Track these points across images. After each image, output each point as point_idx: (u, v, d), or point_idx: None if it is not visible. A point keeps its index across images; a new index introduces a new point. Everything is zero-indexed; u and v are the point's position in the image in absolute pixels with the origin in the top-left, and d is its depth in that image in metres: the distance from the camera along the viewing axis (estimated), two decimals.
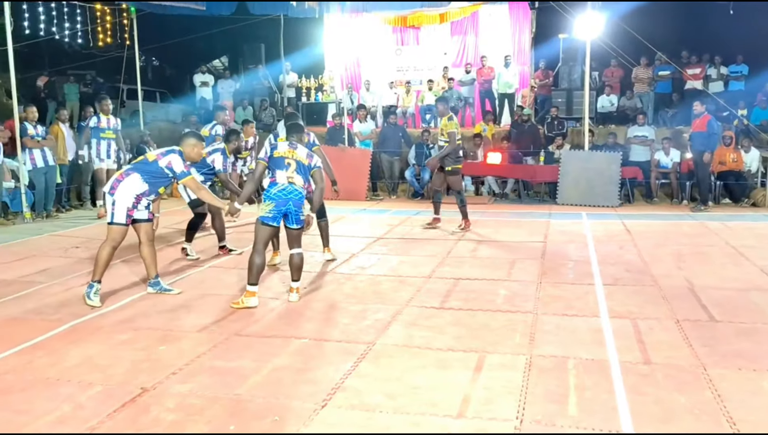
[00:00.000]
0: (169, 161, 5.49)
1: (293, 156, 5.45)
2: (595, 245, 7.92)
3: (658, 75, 14.87)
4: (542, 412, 3.41)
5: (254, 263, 5.28)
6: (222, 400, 3.58)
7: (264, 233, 5.37)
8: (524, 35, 16.81)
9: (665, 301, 5.45)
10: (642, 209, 11.36)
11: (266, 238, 5.42)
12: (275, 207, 5.32)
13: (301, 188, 5.43)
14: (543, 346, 4.40)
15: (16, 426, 3.28)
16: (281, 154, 5.45)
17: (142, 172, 5.46)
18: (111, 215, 5.43)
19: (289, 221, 5.46)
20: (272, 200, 5.32)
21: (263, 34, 17.50)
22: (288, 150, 5.48)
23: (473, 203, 12.17)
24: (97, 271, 5.42)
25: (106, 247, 5.43)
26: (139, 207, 5.51)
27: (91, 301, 5.35)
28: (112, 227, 5.43)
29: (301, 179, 5.43)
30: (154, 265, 5.78)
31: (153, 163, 5.50)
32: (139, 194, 5.45)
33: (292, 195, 5.35)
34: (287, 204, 5.34)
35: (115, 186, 5.42)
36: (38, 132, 10.44)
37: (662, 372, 3.92)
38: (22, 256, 7.54)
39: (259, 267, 5.30)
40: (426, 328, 4.83)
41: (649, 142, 12.53)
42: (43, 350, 4.41)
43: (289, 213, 5.40)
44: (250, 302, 5.29)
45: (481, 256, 7.35)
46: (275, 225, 5.42)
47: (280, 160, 5.41)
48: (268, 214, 5.33)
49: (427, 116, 15.62)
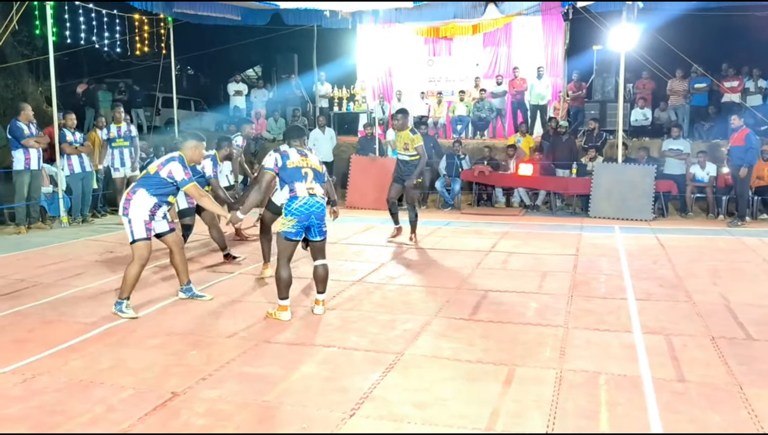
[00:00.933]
0: (170, 170, 5.36)
1: (308, 164, 5.31)
2: (628, 259, 7.80)
3: (694, 87, 14.62)
4: (573, 427, 3.36)
5: (281, 278, 5.20)
6: (251, 407, 3.60)
7: (287, 248, 5.23)
8: (557, 46, 16.72)
9: (700, 318, 5.34)
10: (676, 223, 11.17)
11: (290, 253, 5.26)
12: (298, 222, 5.15)
13: (322, 198, 5.29)
14: (574, 361, 4.34)
15: (50, 426, 3.34)
16: (296, 163, 5.27)
17: (147, 187, 5.36)
18: (131, 234, 5.33)
19: (312, 234, 5.31)
20: (294, 216, 5.14)
21: (296, 45, 17.70)
22: (301, 158, 5.32)
23: (504, 214, 12.14)
24: (125, 290, 5.34)
25: (134, 266, 5.34)
26: (156, 218, 5.43)
27: (126, 314, 5.28)
28: (135, 245, 5.33)
29: (320, 188, 5.31)
30: (185, 271, 5.80)
31: (155, 175, 5.38)
32: (151, 208, 5.35)
33: (314, 208, 5.18)
34: (309, 218, 5.19)
35: (127, 206, 5.33)
36: (76, 138, 10.67)
37: (697, 390, 3.84)
38: (58, 259, 7.70)
39: (286, 281, 5.21)
40: (455, 339, 4.80)
41: (684, 156, 12.32)
42: (78, 352, 4.49)
43: (312, 226, 5.25)
44: (282, 316, 5.24)
45: (512, 268, 7.29)
46: (298, 239, 5.26)
47: (296, 172, 5.24)
48: (291, 230, 5.17)
49: (458, 127, 15.61)
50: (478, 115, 15.61)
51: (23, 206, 9.92)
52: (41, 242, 8.93)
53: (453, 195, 13.07)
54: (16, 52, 14.94)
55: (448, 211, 12.81)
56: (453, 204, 13.06)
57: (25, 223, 9.91)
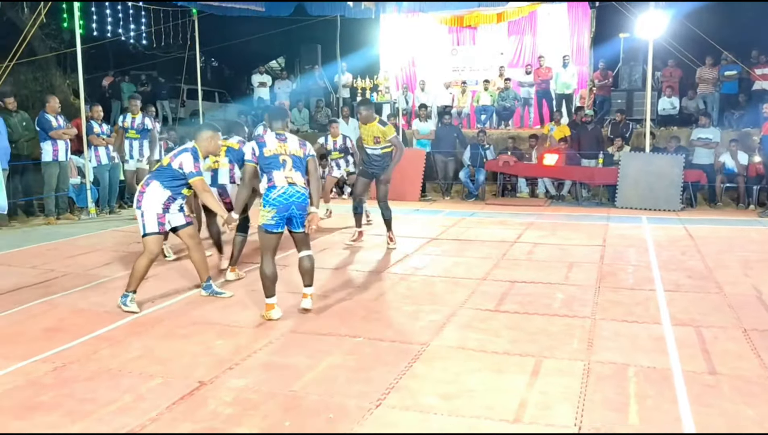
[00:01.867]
0: (181, 162, 5.24)
1: (286, 150, 5.00)
2: (656, 250, 7.69)
3: (724, 75, 14.33)
4: (601, 419, 3.32)
5: (265, 275, 4.95)
6: (277, 396, 3.62)
7: (270, 242, 4.95)
8: (583, 35, 16.51)
9: (731, 309, 5.24)
10: (705, 214, 10.98)
11: (273, 247, 4.99)
12: (277, 213, 4.88)
13: (303, 188, 4.98)
14: (602, 353, 4.29)
15: (81, 414, 3.39)
16: (273, 151, 4.98)
17: (160, 179, 5.27)
18: (143, 227, 5.26)
19: (294, 226, 5.02)
20: (273, 206, 4.87)
21: (320, 35, 17.69)
22: (279, 144, 5.01)
23: (529, 205, 12.04)
24: (133, 283, 5.28)
25: (143, 260, 5.27)
26: (171, 210, 5.32)
27: (128, 308, 5.22)
28: (146, 239, 5.27)
29: (301, 175, 5.01)
30: (205, 268, 5.66)
31: (168, 166, 5.29)
32: (165, 201, 5.26)
33: (294, 198, 4.90)
34: (290, 208, 4.90)
35: (140, 199, 5.26)
36: (103, 130, 10.79)
37: (728, 383, 3.77)
38: (86, 250, 7.81)
39: (271, 277, 4.95)
40: (481, 330, 4.77)
41: (713, 145, 12.10)
42: (107, 341, 4.55)
43: (293, 217, 4.97)
44: (272, 315, 4.99)
45: (538, 259, 7.23)
46: (280, 231, 4.98)
47: (273, 159, 4.95)
48: (270, 222, 4.90)
49: (482, 117, 15.50)
50: (502, 105, 15.48)
51: (52, 197, 10.08)
52: (70, 233, 9.06)
53: (477, 185, 13.00)
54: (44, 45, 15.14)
55: (473, 201, 12.74)
56: (477, 194, 12.99)
57: (54, 214, 10.07)
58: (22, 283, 6.18)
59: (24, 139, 10.21)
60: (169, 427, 3.26)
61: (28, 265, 6.96)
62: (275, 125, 5.21)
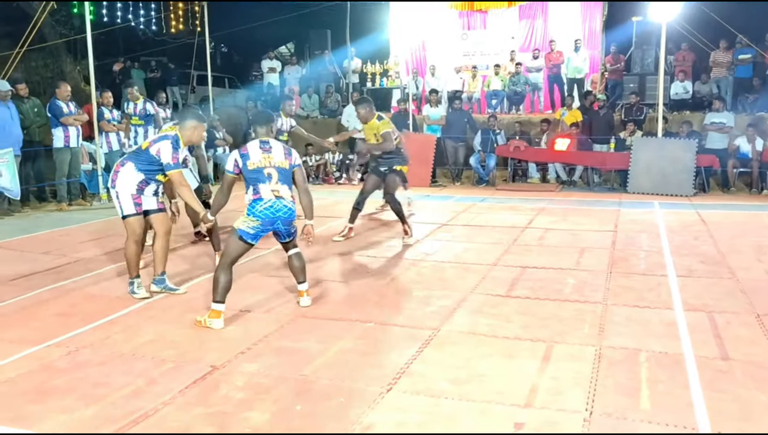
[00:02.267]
0: (158, 149, 5.00)
1: (271, 162, 4.68)
2: (668, 235, 7.64)
3: (738, 59, 14.15)
4: (613, 404, 3.31)
5: (219, 280, 4.54)
6: (288, 380, 3.63)
7: (237, 249, 4.64)
8: (595, 18, 16.36)
9: (744, 295, 5.21)
10: (718, 199, 10.90)
11: (238, 255, 4.68)
12: (261, 225, 4.61)
13: (290, 202, 4.70)
14: (613, 338, 4.27)
15: (95, 398, 3.41)
16: (257, 164, 4.66)
17: (135, 162, 5.10)
18: (120, 209, 5.13)
19: (281, 238, 4.85)
20: (258, 218, 4.58)
21: (329, 20, 17.62)
22: (263, 156, 4.68)
23: (541, 190, 11.99)
24: (132, 269, 5.23)
25: (129, 244, 5.18)
26: (146, 193, 5.14)
27: (138, 295, 5.20)
28: (126, 221, 5.15)
29: (287, 188, 4.72)
30: (164, 260, 5.34)
31: (146, 151, 5.09)
32: (138, 183, 5.09)
33: (281, 212, 4.62)
34: (275, 223, 4.65)
35: (114, 178, 5.12)
36: (114, 116, 10.80)
37: (741, 369, 3.75)
38: (98, 235, 7.85)
39: (225, 285, 4.55)
40: (491, 315, 4.76)
41: (727, 129, 11.97)
42: (119, 326, 4.58)
43: (279, 232, 4.76)
44: (213, 324, 4.51)
45: (549, 245, 7.20)
46: (252, 243, 4.69)
47: (258, 173, 4.64)
48: (249, 231, 4.60)
49: (493, 101, 15.40)
50: (513, 90, 15.37)
51: (64, 183, 10.13)
52: (82, 219, 9.12)
53: (488, 171, 12.95)
54: (54, 31, 15.14)
55: (483, 187, 12.71)
56: (488, 180, 12.95)
57: (66, 200, 10.12)
58: (34, 269, 6.22)
59: (36, 125, 10.25)
60: (182, 410, 3.28)
61: (41, 251, 7.01)
62: (260, 131, 4.82)
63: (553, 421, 3.15)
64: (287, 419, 3.19)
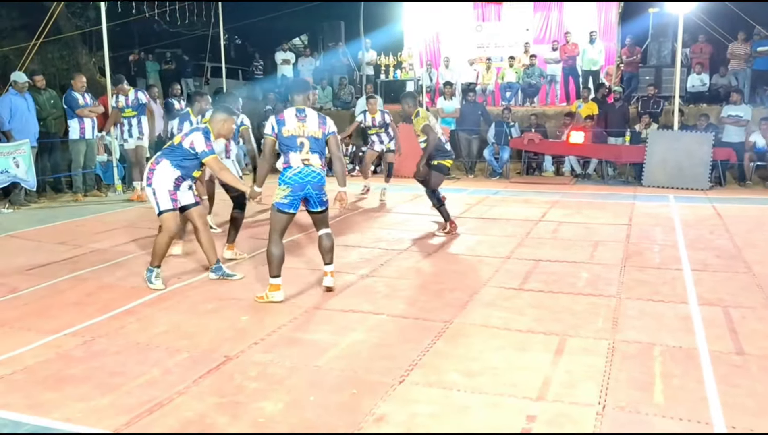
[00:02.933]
0: (191, 141, 5.17)
1: (305, 132, 4.84)
2: (683, 229, 7.58)
3: (756, 51, 13.95)
4: (626, 398, 3.30)
5: (273, 255, 4.82)
6: (301, 371, 3.65)
7: (280, 221, 4.86)
8: (611, 10, 16.21)
9: (760, 289, 5.16)
10: (735, 193, 10.79)
11: (283, 227, 4.89)
12: (292, 192, 4.79)
13: (320, 169, 4.89)
14: (627, 332, 4.25)
15: (111, 387, 3.45)
16: (291, 132, 4.83)
17: (170, 158, 5.21)
18: (156, 206, 5.23)
19: (312, 205, 4.96)
20: (288, 185, 4.79)
21: (343, 12, 17.56)
22: (298, 124, 4.84)
23: (554, 183, 11.93)
24: (155, 259, 5.29)
25: (163, 237, 5.26)
26: (182, 188, 5.28)
27: (153, 285, 5.25)
28: (163, 217, 5.24)
29: (318, 157, 4.88)
30: (213, 250, 5.56)
31: (179, 145, 5.23)
32: (175, 179, 5.22)
33: (309, 177, 4.80)
34: (305, 188, 4.81)
35: (150, 176, 5.22)
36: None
37: (757, 363, 3.72)
38: (113, 226, 7.92)
39: (279, 258, 4.83)
40: (504, 308, 4.76)
41: (743, 123, 11.84)
42: (134, 316, 4.62)
43: (309, 197, 4.88)
44: (274, 296, 4.87)
45: (562, 238, 7.17)
46: (292, 212, 4.87)
47: (291, 140, 4.82)
48: (284, 200, 4.80)
49: (507, 94, 15.32)
50: (528, 82, 15.28)
51: (80, 174, 10.21)
52: (98, 210, 9.20)
53: (501, 163, 12.90)
54: (70, 23, 15.21)
55: (497, 179, 12.66)
56: (501, 172, 12.90)
57: (81, 191, 10.20)
58: (51, 259, 6.29)
59: (52, 117, 10.33)
60: (196, 399, 3.31)
61: (57, 241, 7.08)
62: (296, 99, 4.99)
63: (565, 415, 3.15)
64: (300, 409, 3.21)
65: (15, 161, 9.07)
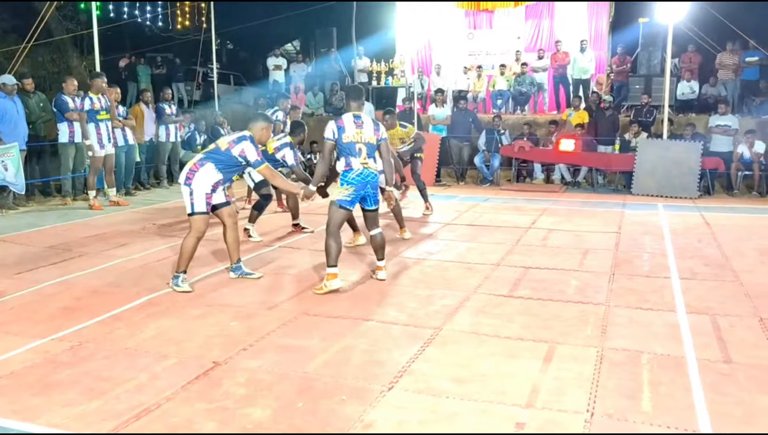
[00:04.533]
0: (242, 149, 5.33)
1: (362, 138, 5.34)
2: (672, 237, 7.63)
3: (745, 61, 14.11)
4: (614, 406, 3.31)
5: (331, 247, 5.22)
6: (290, 378, 3.64)
7: (339, 216, 5.36)
8: (601, 19, 16.33)
9: (747, 298, 5.20)
10: (723, 201, 10.87)
11: (341, 221, 5.41)
12: (354, 191, 5.33)
13: (376, 170, 5.44)
14: (615, 339, 4.27)
15: (98, 392, 3.43)
16: (351, 138, 5.32)
17: (216, 162, 5.32)
18: (191, 206, 5.30)
19: (367, 203, 5.52)
20: (351, 184, 5.32)
21: (336, 18, 17.59)
22: (356, 131, 5.34)
23: (544, 191, 11.98)
24: (182, 263, 5.33)
25: (191, 239, 5.32)
26: (217, 191, 5.42)
27: (180, 288, 5.28)
28: (194, 217, 5.31)
29: (373, 161, 5.43)
30: (237, 250, 5.70)
31: (226, 152, 5.34)
32: (215, 183, 5.34)
33: (369, 178, 5.37)
34: (365, 187, 5.37)
35: (191, 176, 5.28)
36: (120, 112, 10.80)
37: (744, 372, 3.74)
38: (102, 230, 7.88)
39: (336, 249, 5.24)
40: (494, 315, 4.76)
41: (732, 132, 11.95)
42: (122, 321, 4.60)
43: (367, 196, 5.45)
44: (332, 284, 5.23)
45: (552, 245, 7.19)
46: (351, 208, 5.44)
47: (351, 147, 5.32)
48: (346, 198, 5.33)
49: (498, 102, 15.39)
50: (518, 90, 15.36)
51: (69, 178, 10.14)
52: (86, 214, 9.14)
53: (492, 171, 12.94)
54: (61, 26, 15.18)
55: (487, 186, 12.70)
56: (492, 180, 12.94)
57: (70, 195, 10.14)
58: (39, 263, 6.25)
59: (41, 120, 10.26)
60: (184, 405, 3.29)
61: (45, 245, 7.03)
62: (352, 105, 5.47)
63: (554, 422, 3.15)
64: (288, 416, 3.20)
65: (3, 165, 9.00)
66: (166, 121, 11.98)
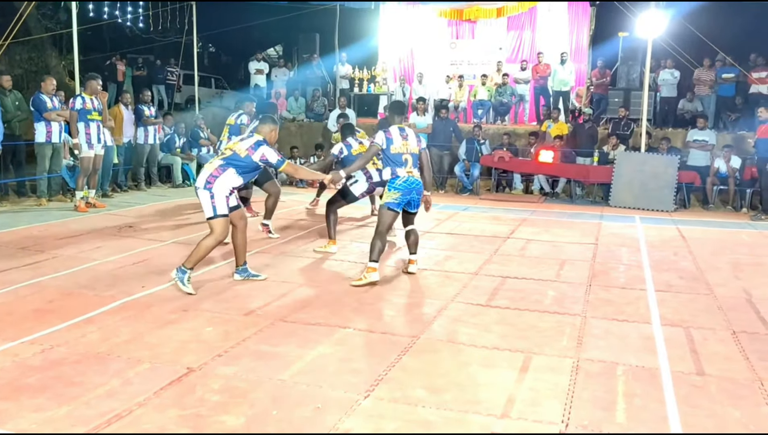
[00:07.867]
0: (263, 154, 5.43)
1: (408, 149, 5.86)
2: (648, 250, 7.71)
3: (721, 77, 14.34)
4: (589, 417, 3.32)
5: (377, 245, 5.71)
6: (265, 385, 3.61)
7: (389, 217, 5.87)
8: (582, 33, 16.52)
9: (721, 311, 5.26)
10: (698, 215, 11.02)
11: (390, 223, 5.90)
12: (402, 195, 5.82)
13: (419, 178, 5.94)
14: (591, 350, 4.29)
15: (68, 397, 3.36)
16: (398, 149, 5.83)
17: (236, 167, 5.41)
18: (213, 209, 5.34)
19: (411, 207, 6.03)
20: (399, 190, 5.81)
21: (319, 24, 17.60)
22: (403, 143, 5.85)
23: (523, 201, 12.06)
24: (193, 260, 5.35)
25: (211, 241, 5.37)
26: (233, 194, 5.55)
27: (185, 288, 5.28)
28: (216, 220, 5.35)
29: (416, 169, 5.92)
30: (244, 252, 5.79)
31: (246, 158, 5.42)
32: (234, 186, 5.46)
33: (414, 184, 5.86)
34: (411, 193, 5.87)
35: (212, 181, 5.34)
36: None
37: (716, 384, 3.79)
38: (78, 232, 7.76)
39: (380, 247, 5.72)
40: (471, 325, 4.77)
41: (709, 147, 12.13)
42: (95, 325, 4.52)
43: (412, 200, 5.95)
44: (371, 277, 5.66)
45: (530, 256, 7.23)
46: (399, 211, 5.93)
47: (398, 157, 5.83)
48: (394, 201, 5.82)
49: (479, 111, 15.48)
50: (499, 100, 15.46)
51: (45, 179, 9.99)
52: (62, 215, 9.00)
53: (472, 180, 13.00)
54: (39, 25, 14.98)
55: (467, 196, 12.75)
56: (472, 189, 13.00)
57: (46, 196, 9.99)
58: (11, 264, 6.13)
59: (17, 119, 10.12)
60: (156, 412, 3.24)
61: (18, 247, 6.91)
62: (396, 119, 6.05)
63: (529, 432, 3.16)
64: (263, 424, 3.16)
65: None
66: (145, 122, 11.88)
